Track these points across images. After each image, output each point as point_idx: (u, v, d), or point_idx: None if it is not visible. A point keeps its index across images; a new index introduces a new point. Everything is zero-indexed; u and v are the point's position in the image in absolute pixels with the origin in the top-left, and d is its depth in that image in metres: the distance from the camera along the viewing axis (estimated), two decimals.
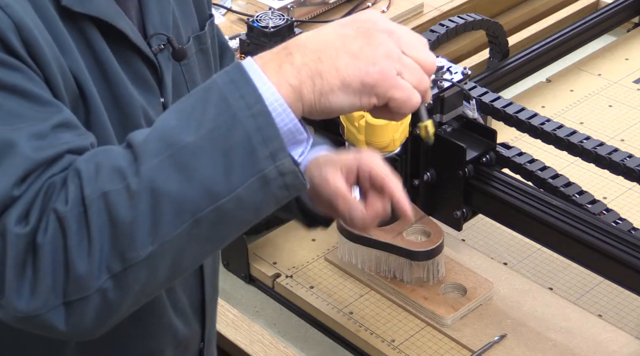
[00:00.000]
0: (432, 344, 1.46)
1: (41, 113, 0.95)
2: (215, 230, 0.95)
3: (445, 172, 1.48)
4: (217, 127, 0.93)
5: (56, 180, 0.93)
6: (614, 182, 1.71)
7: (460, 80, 1.45)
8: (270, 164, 0.93)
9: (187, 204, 0.92)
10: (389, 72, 0.96)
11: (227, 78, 0.95)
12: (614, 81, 2.02)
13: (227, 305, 1.55)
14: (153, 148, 0.93)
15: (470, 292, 1.51)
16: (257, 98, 0.93)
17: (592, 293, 1.54)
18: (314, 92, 0.95)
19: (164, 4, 1.14)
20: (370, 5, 2.14)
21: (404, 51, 0.97)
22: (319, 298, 1.54)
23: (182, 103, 0.96)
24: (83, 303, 0.92)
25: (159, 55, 1.11)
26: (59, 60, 0.99)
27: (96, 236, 0.91)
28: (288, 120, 0.94)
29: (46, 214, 0.91)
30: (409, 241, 1.50)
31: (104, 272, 0.91)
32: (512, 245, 1.63)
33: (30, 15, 0.97)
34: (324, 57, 0.96)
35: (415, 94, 0.97)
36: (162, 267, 0.94)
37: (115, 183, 0.91)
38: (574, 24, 2.03)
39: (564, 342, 1.44)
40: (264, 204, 0.96)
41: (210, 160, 0.92)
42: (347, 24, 0.98)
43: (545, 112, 1.90)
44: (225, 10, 2.14)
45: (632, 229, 1.43)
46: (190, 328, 1.24)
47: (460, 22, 1.80)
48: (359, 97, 0.96)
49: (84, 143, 0.97)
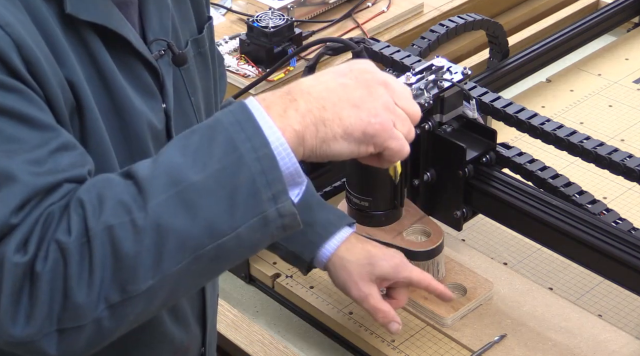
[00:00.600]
0: (432, 344, 1.46)
1: (39, 137, 0.95)
2: (213, 265, 0.98)
3: (445, 172, 1.48)
4: (223, 168, 0.95)
5: (55, 209, 0.94)
6: (614, 182, 1.71)
7: (460, 80, 1.45)
8: (272, 206, 0.96)
9: (191, 241, 0.94)
10: (388, 124, 1.01)
11: (233, 118, 0.97)
12: (614, 81, 2.02)
13: (227, 305, 1.55)
14: (160, 185, 0.94)
15: (470, 292, 1.51)
16: (263, 142, 0.96)
17: (592, 293, 1.54)
18: (316, 138, 0.99)
19: (163, 10, 1.14)
20: (370, 5, 2.14)
21: (396, 102, 1.02)
22: (319, 298, 1.54)
23: (186, 139, 0.98)
24: (77, 331, 0.93)
25: (159, 60, 1.12)
26: (58, 73, 0.99)
27: (98, 268, 0.92)
28: (290, 164, 0.97)
29: (45, 243, 0.92)
30: (409, 241, 1.50)
31: (102, 302, 0.93)
32: (512, 245, 1.63)
33: (31, 31, 0.97)
34: (327, 105, 0.99)
35: (406, 144, 1.03)
36: (159, 298, 0.96)
37: (120, 216, 0.93)
38: (574, 24, 2.03)
39: (564, 342, 1.44)
40: (261, 242, 0.99)
41: (215, 199, 0.94)
42: (346, 74, 1.02)
43: (545, 112, 1.90)
44: (225, 10, 2.14)
45: (632, 229, 1.43)
46: (191, 334, 1.24)
47: (460, 22, 1.80)
48: (358, 146, 1.01)
49: (82, 172, 0.97)
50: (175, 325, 1.20)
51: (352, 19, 2.10)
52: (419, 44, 1.77)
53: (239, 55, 1.95)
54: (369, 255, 1.38)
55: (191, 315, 1.24)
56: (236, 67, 1.92)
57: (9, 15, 0.95)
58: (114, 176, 0.97)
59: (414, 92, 1.40)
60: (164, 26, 1.14)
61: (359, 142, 1.00)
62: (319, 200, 1.43)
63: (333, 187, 1.73)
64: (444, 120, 1.47)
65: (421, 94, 1.41)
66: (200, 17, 1.23)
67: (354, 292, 1.37)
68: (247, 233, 0.96)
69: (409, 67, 1.58)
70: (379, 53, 1.67)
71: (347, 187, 1.49)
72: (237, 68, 1.92)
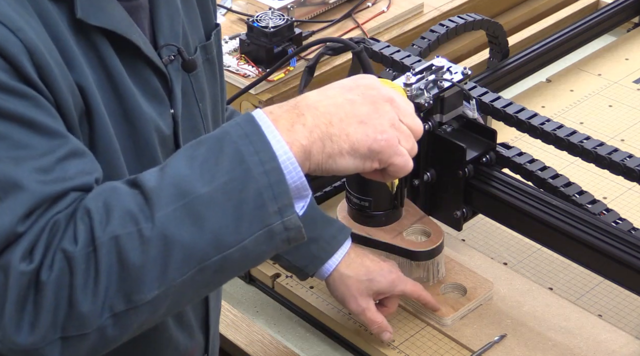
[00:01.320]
0: (432, 344, 1.46)
1: (47, 144, 0.95)
2: (218, 276, 0.98)
3: (445, 172, 1.48)
4: (231, 180, 0.95)
5: (61, 218, 0.94)
6: (614, 182, 1.71)
7: (460, 80, 1.45)
8: (278, 219, 0.97)
9: (197, 252, 0.95)
10: (394, 141, 1.02)
11: (241, 131, 0.97)
12: (614, 81, 2.02)
13: (227, 305, 1.55)
14: (167, 196, 0.94)
15: (470, 292, 1.51)
16: (271, 156, 0.96)
17: (592, 293, 1.54)
18: (322, 153, 1.00)
19: (174, 15, 1.14)
20: (370, 5, 2.14)
21: (401, 119, 1.04)
22: (319, 298, 1.54)
23: (193, 150, 0.98)
24: (81, 339, 0.94)
25: (169, 66, 1.12)
26: (68, 78, 0.99)
27: (104, 277, 0.92)
28: (297, 178, 0.98)
29: (51, 252, 0.92)
30: (409, 241, 1.50)
31: (107, 311, 0.93)
32: (512, 245, 1.63)
33: (41, 35, 0.97)
34: (334, 120, 1.00)
35: (410, 160, 1.05)
36: (163, 307, 0.97)
37: (127, 227, 0.93)
38: (574, 24, 2.02)
39: (564, 342, 1.44)
40: (265, 254, 1.00)
41: (222, 212, 0.95)
42: (352, 89, 1.03)
43: (545, 112, 1.90)
44: (225, 10, 2.14)
45: (632, 229, 1.43)
46: (194, 340, 1.24)
47: (460, 22, 1.80)
48: (364, 161, 1.02)
49: (89, 180, 0.97)
50: (180, 331, 1.20)
51: (352, 19, 2.10)
52: (419, 44, 1.77)
53: (239, 55, 1.95)
54: (368, 271, 1.42)
55: (195, 321, 1.24)
56: (236, 67, 1.92)
57: (21, 20, 0.95)
58: (121, 185, 0.97)
59: (414, 92, 1.40)
60: (174, 31, 1.14)
61: (365, 157, 1.01)
62: (322, 215, 1.44)
63: (333, 187, 1.73)
64: (444, 120, 1.47)
65: (421, 94, 1.41)
66: (208, 23, 1.23)
67: (352, 306, 1.42)
68: (252, 246, 0.97)
69: (409, 67, 1.58)
70: (379, 53, 1.67)
71: (347, 187, 1.49)
72: (237, 68, 1.92)
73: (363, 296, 1.41)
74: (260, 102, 1.89)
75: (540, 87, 2.02)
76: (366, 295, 1.41)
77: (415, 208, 1.53)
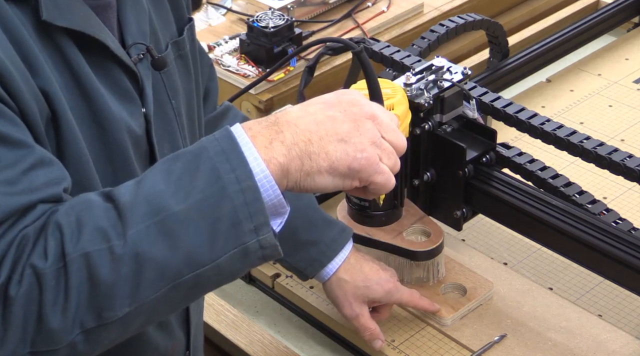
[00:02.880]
0: (432, 344, 1.46)
1: (12, 156, 0.93)
2: (191, 293, 0.98)
3: (445, 172, 1.48)
4: (206, 198, 0.94)
5: (29, 232, 0.92)
6: (614, 182, 1.71)
7: (460, 80, 1.45)
8: (253, 238, 0.96)
9: (170, 270, 0.94)
10: (374, 159, 1.01)
11: (219, 147, 0.96)
12: (614, 81, 2.02)
13: (227, 305, 1.55)
14: (140, 213, 0.93)
15: (470, 292, 1.51)
16: (247, 174, 0.95)
17: (592, 293, 1.54)
18: (301, 171, 0.98)
19: (140, 13, 1.13)
20: (370, 5, 2.14)
21: (383, 135, 1.02)
22: (319, 298, 1.54)
23: (170, 164, 0.96)
24: (51, 354, 0.92)
25: (138, 64, 1.10)
26: (31, 84, 0.97)
27: (74, 294, 0.91)
28: (274, 196, 0.97)
29: (20, 266, 0.90)
30: (409, 241, 1.50)
31: (77, 327, 0.92)
32: (512, 245, 1.63)
33: (1, 41, 0.95)
34: (314, 138, 0.99)
35: (392, 177, 1.03)
36: (135, 324, 0.96)
37: (98, 243, 0.91)
38: (574, 24, 2.02)
39: (564, 342, 1.44)
40: (240, 272, 1.00)
41: (196, 230, 0.94)
42: (334, 105, 1.02)
43: (545, 112, 1.90)
44: (225, 10, 2.14)
45: (632, 229, 1.43)
46: (174, 339, 1.23)
47: (460, 22, 1.80)
48: (343, 180, 1.01)
49: (57, 191, 0.96)
50: (159, 332, 1.19)
51: (352, 19, 2.11)
52: (419, 44, 1.77)
53: (239, 55, 1.95)
54: (365, 278, 1.41)
55: (174, 320, 1.23)
56: (236, 67, 1.92)
57: None
58: (95, 197, 0.95)
59: (414, 92, 1.40)
60: (142, 30, 1.12)
61: (344, 176, 1.00)
62: (323, 217, 1.43)
63: None
64: (444, 120, 1.47)
65: (421, 94, 1.41)
66: (180, 19, 1.22)
67: (346, 310, 1.42)
68: (226, 263, 0.96)
69: (409, 67, 1.58)
70: (379, 53, 1.67)
71: None
72: (237, 68, 1.92)
73: (358, 302, 1.41)
74: (260, 101, 1.89)
75: (540, 87, 2.02)
76: (361, 301, 1.41)
77: (415, 208, 1.53)
